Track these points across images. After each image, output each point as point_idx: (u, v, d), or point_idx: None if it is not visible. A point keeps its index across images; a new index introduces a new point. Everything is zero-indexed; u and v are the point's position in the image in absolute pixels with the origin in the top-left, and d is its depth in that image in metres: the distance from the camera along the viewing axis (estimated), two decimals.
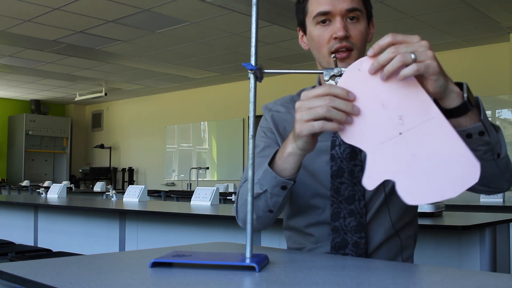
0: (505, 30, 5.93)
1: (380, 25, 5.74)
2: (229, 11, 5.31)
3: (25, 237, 3.89)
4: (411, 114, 0.89)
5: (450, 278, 0.88)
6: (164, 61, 7.66)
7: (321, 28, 1.20)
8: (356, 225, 1.21)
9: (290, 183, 1.10)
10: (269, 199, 1.13)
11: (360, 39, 1.20)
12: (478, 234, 1.98)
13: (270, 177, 1.11)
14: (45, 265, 0.94)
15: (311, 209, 1.26)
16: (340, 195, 1.22)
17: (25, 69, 8.27)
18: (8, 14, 5.53)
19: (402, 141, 0.89)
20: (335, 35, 1.17)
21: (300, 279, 0.84)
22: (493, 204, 3.85)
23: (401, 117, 0.89)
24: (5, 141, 11.37)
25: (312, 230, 1.27)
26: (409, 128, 0.89)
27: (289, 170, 1.09)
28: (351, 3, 1.18)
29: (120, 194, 4.55)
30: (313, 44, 1.24)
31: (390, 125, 0.89)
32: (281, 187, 1.11)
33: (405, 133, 0.89)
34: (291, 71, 1.23)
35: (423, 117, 0.88)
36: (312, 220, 1.27)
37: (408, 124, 0.89)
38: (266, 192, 1.13)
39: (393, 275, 0.92)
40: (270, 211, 1.16)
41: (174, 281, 0.82)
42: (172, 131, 10.36)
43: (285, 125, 1.31)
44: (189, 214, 2.86)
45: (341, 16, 1.18)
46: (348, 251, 1.21)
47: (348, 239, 1.21)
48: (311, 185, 1.26)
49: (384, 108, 0.90)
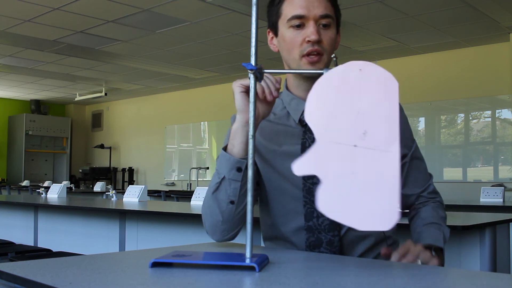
0: (505, 30, 5.93)
1: (380, 25, 5.74)
2: (229, 11, 5.31)
3: (25, 237, 3.89)
4: (375, 136, 0.89)
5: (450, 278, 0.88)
6: (164, 61, 7.66)
7: (294, 31, 1.24)
8: (329, 223, 1.23)
9: (243, 163, 1.14)
10: (228, 186, 1.17)
11: (330, 44, 1.25)
12: (478, 234, 1.98)
13: (224, 160, 1.16)
14: (45, 265, 0.94)
15: (290, 214, 1.28)
16: (312, 196, 1.24)
17: (25, 69, 8.27)
18: (8, 14, 5.53)
19: (351, 153, 0.89)
20: (308, 38, 1.21)
21: (300, 279, 0.84)
22: (493, 204, 3.85)
23: (366, 133, 0.89)
24: (5, 141, 11.37)
25: (294, 238, 1.28)
26: (365, 147, 0.88)
27: (237, 146, 1.14)
28: (325, 10, 1.23)
29: (120, 194, 4.55)
30: (285, 45, 1.27)
31: (353, 133, 0.89)
32: (236, 168, 1.15)
33: (359, 148, 0.88)
34: (291, 71, 1.25)
35: (383, 146, 0.88)
36: (292, 225, 1.28)
37: (367, 142, 0.88)
38: (225, 180, 1.17)
39: (393, 275, 0.92)
40: (232, 202, 1.18)
41: (174, 281, 0.82)
42: (172, 131, 10.36)
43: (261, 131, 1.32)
44: (189, 214, 2.86)
45: (315, 21, 1.22)
46: (323, 249, 1.24)
47: (322, 237, 1.24)
48: (287, 190, 1.27)
49: (358, 115, 0.90)
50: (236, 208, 1.19)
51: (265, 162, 1.30)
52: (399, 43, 6.45)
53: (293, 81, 1.33)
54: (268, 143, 1.30)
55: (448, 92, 6.67)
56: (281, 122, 1.31)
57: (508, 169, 6.42)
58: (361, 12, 5.27)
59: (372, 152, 0.88)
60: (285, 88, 1.36)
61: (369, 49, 6.63)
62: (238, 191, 1.17)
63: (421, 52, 6.89)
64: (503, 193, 4.13)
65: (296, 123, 1.30)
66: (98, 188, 7.42)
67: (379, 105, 0.90)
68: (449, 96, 6.70)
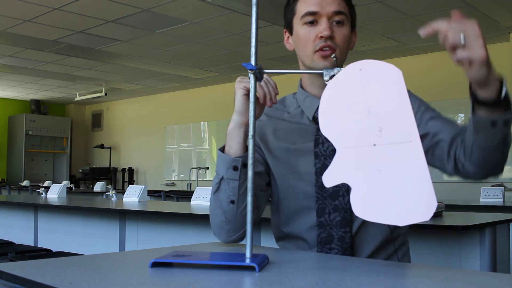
0: (505, 30, 5.93)
1: (380, 25, 5.74)
2: (229, 11, 5.31)
3: (25, 237, 3.89)
4: (392, 130, 0.88)
5: (450, 278, 0.88)
6: (164, 61, 7.66)
7: (307, 28, 1.26)
8: (341, 220, 1.24)
9: (239, 161, 1.16)
10: (227, 186, 1.18)
11: (343, 42, 1.26)
12: (478, 234, 1.98)
13: (220, 160, 1.18)
14: (45, 265, 0.94)
15: (303, 211, 1.28)
16: (325, 192, 1.25)
17: (25, 69, 8.27)
18: (8, 14, 5.53)
19: (373, 153, 0.88)
20: (321, 34, 1.23)
21: (300, 279, 0.84)
22: (493, 204, 3.85)
23: (381, 129, 0.89)
24: (5, 141, 11.36)
25: (307, 235, 1.28)
26: (385, 143, 0.88)
27: (234, 147, 1.17)
28: (338, 6, 1.25)
29: (120, 194, 4.54)
30: (299, 43, 1.29)
31: (368, 133, 0.89)
32: (233, 167, 1.16)
33: (379, 146, 0.88)
34: (291, 71, 1.25)
35: (402, 138, 0.87)
36: (305, 222, 1.28)
37: (385, 138, 0.88)
38: (223, 180, 1.18)
39: (393, 275, 0.92)
40: (232, 202, 1.19)
41: (174, 281, 0.82)
42: (172, 131, 10.36)
43: (264, 131, 1.34)
44: (189, 214, 2.86)
45: (328, 17, 1.24)
46: (334, 245, 1.24)
47: (333, 234, 1.24)
48: (299, 186, 1.28)
49: (369, 114, 0.90)
50: (238, 208, 1.19)
51: (278, 161, 1.31)
52: (399, 43, 6.45)
53: (307, 79, 1.35)
54: (281, 142, 1.31)
55: (448, 92, 6.66)
56: (295, 121, 1.33)
57: (508, 169, 6.41)
58: (361, 12, 5.26)
59: (392, 146, 0.88)
60: (300, 87, 1.37)
61: (369, 49, 6.63)
62: (237, 190, 1.18)
63: (421, 52, 6.89)
64: (503, 193, 4.13)
65: (310, 121, 1.31)
66: (98, 188, 7.42)
67: (388, 97, 0.90)
68: (449, 96, 6.69)
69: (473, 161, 1.11)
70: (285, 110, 1.36)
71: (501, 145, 1.07)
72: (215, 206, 1.22)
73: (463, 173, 1.16)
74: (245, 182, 1.17)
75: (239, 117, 1.16)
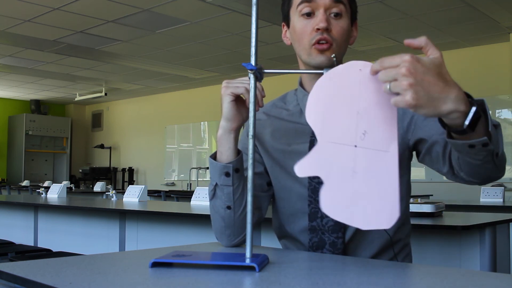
0: (505, 30, 5.93)
1: (380, 25, 5.74)
2: (229, 11, 5.31)
3: (25, 237, 3.89)
4: (374, 136, 0.89)
5: (450, 278, 0.88)
6: (164, 61, 7.66)
7: (304, 20, 1.21)
8: (333, 225, 1.21)
9: (230, 167, 1.14)
10: (221, 192, 1.17)
11: (341, 35, 1.20)
12: (478, 234, 1.98)
13: (213, 167, 1.17)
14: (45, 265, 0.94)
15: (297, 213, 1.27)
16: (317, 195, 1.22)
17: (25, 69, 8.27)
18: (8, 14, 5.53)
19: (352, 153, 0.89)
20: (317, 26, 1.18)
21: (300, 279, 0.84)
22: (493, 204, 3.85)
23: (366, 133, 0.89)
24: (5, 141, 11.37)
25: (301, 238, 1.27)
26: (365, 147, 0.89)
27: (225, 153, 1.15)
28: None
29: (120, 194, 4.54)
30: (295, 36, 1.24)
31: (353, 133, 0.89)
32: (225, 174, 1.15)
33: (360, 148, 0.89)
34: (291, 71, 1.24)
35: (382, 146, 0.89)
36: (298, 225, 1.27)
37: (367, 142, 0.89)
38: (217, 186, 1.17)
39: (393, 275, 0.92)
40: (228, 207, 1.18)
41: (174, 281, 0.82)
42: (172, 131, 10.36)
43: (262, 131, 1.32)
44: (189, 214, 2.86)
45: (325, 9, 1.18)
46: (325, 251, 1.22)
47: (325, 238, 1.22)
48: (294, 189, 1.26)
49: (357, 116, 0.90)
50: (235, 213, 1.18)
51: (274, 161, 1.29)
52: (399, 43, 6.44)
53: (306, 78, 1.31)
54: (276, 143, 1.29)
55: None
56: (293, 120, 1.30)
57: (508, 169, 6.42)
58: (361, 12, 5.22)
59: (371, 152, 0.89)
60: (299, 84, 1.33)
61: (369, 49, 6.63)
62: (231, 195, 1.17)
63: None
64: (503, 193, 4.13)
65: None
66: (98, 188, 7.42)
67: (380, 104, 0.90)
68: None
69: (465, 173, 1.06)
70: (284, 108, 1.33)
71: (489, 161, 0.99)
72: (213, 212, 1.22)
73: (459, 178, 1.12)
74: (240, 187, 1.17)
75: (227, 123, 1.13)
